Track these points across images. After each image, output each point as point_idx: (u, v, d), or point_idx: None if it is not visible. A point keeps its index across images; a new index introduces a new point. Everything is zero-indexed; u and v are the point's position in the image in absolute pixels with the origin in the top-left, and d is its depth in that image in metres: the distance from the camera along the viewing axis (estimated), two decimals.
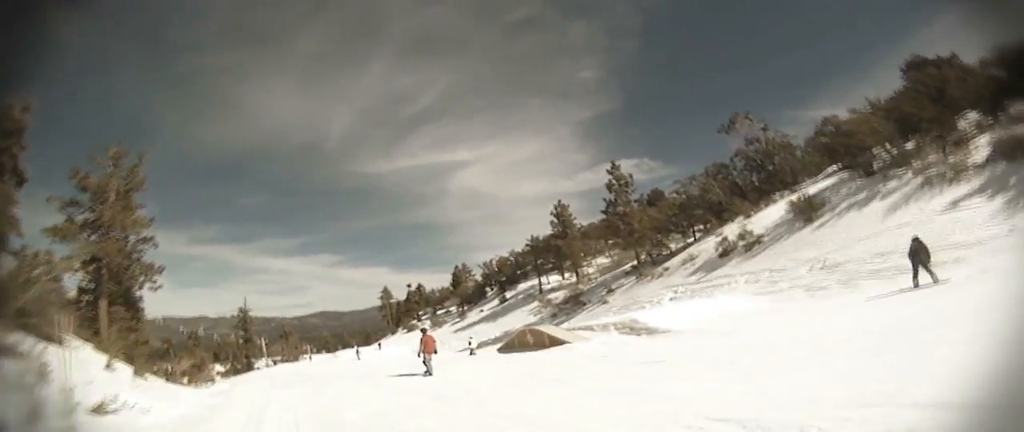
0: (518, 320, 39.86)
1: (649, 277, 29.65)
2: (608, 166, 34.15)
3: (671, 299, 23.37)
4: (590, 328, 18.47)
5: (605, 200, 35.19)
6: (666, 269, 28.79)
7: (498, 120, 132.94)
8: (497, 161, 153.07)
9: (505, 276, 55.08)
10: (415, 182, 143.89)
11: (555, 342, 16.90)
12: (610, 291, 32.89)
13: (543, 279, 48.99)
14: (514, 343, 20.46)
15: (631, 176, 34.34)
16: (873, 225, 18.51)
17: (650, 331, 15.15)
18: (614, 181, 34.25)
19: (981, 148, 19.00)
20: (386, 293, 62.54)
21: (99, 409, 8.02)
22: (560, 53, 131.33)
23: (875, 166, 22.89)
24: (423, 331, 18.25)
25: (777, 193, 29.29)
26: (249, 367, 31.86)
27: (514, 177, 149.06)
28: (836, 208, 21.40)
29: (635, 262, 36.90)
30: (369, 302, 62.54)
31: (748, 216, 27.99)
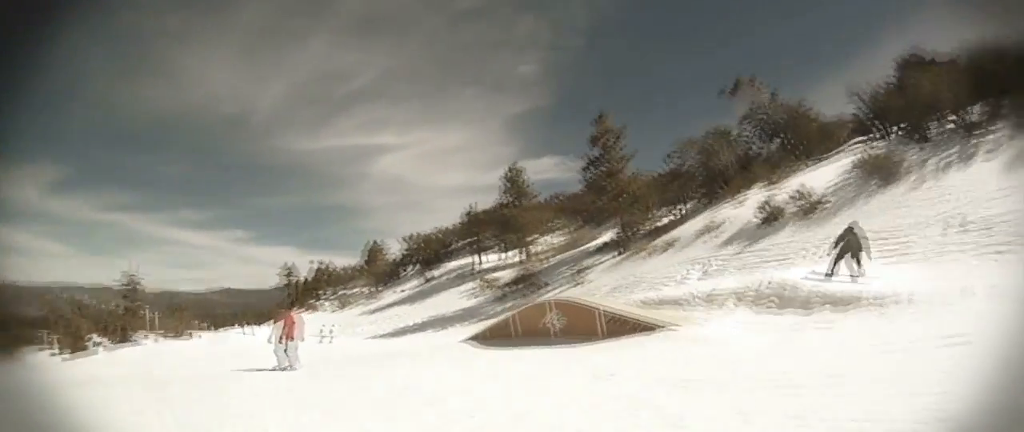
0: (447, 303, 33.57)
1: (646, 252, 24.67)
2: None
3: (700, 278, 18.62)
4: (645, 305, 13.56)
5: (586, 157, 29.71)
6: (671, 242, 23.92)
7: (430, 107, 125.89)
8: (423, 148, 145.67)
9: (430, 253, 48.52)
10: (338, 163, 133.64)
11: (622, 328, 11.34)
12: (581, 271, 27.51)
13: (479, 258, 43.11)
14: (511, 328, 14.90)
15: (625, 127, 29.02)
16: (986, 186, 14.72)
17: (835, 302, 9.87)
18: (604, 132, 28.80)
19: None
20: (290, 270, 54.11)
21: None
22: (503, 45, 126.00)
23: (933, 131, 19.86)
24: (287, 309, 13.75)
25: (801, 161, 25.65)
26: (124, 340, 25.06)
27: (437, 166, 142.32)
28: (925, 167, 17.57)
29: (609, 238, 32.10)
30: (273, 281, 55.50)
31: (772, 183, 23.98)
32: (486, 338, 15.53)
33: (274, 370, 12.13)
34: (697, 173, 29.70)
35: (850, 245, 12.50)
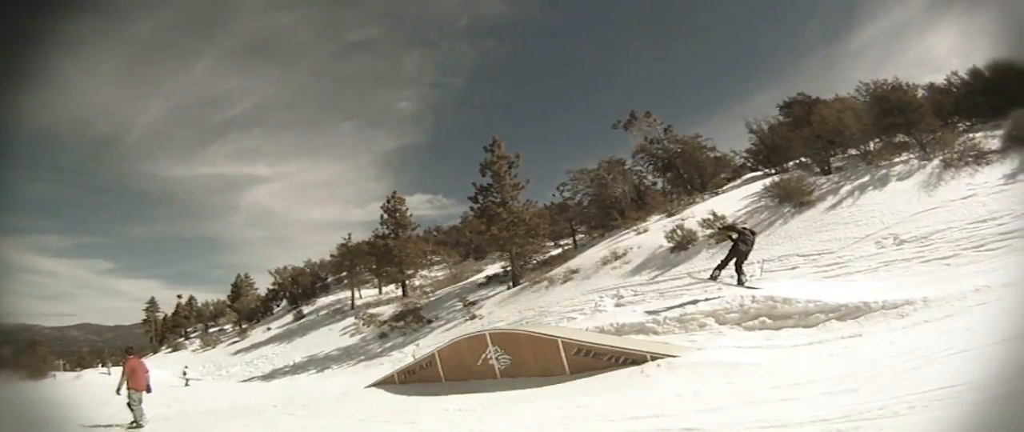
0: (324, 340, 29.69)
1: (544, 283, 22.53)
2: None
3: (617, 305, 16.83)
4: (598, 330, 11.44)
5: (475, 186, 27.25)
6: (573, 272, 21.95)
7: (305, 139, 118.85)
8: (294, 180, 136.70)
9: (303, 287, 43.63)
10: (208, 192, 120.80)
11: (594, 363, 8.99)
12: (471, 304, 24.87)
13: (356, 292, 39.09)
14: (436, 370, 12.22)
15: (518, 156, 26.96)
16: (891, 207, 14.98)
17: (842, 314, 8.27)
18: (497, 158, 26.55)
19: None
20: (152, 305, 49.27)
21: None
22: (386, 80, 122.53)
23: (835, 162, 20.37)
24: (127, 353, 11.61)
25: (697, 193, 25.08)
26: None
27: (307, 199, 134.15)
28: (838, 193, 17.12)
29: (495, 271, 29.77)
30: (136, 317, 51.77)
31: (671, 214, 23.00)
32: (403, 382, 13.04)
33: (131, 427, 10.38)
34: (591, 203, 28.34)
35: (743, 253, 12.45)
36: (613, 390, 7.43)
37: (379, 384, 13.52)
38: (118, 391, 10.43)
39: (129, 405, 10.39)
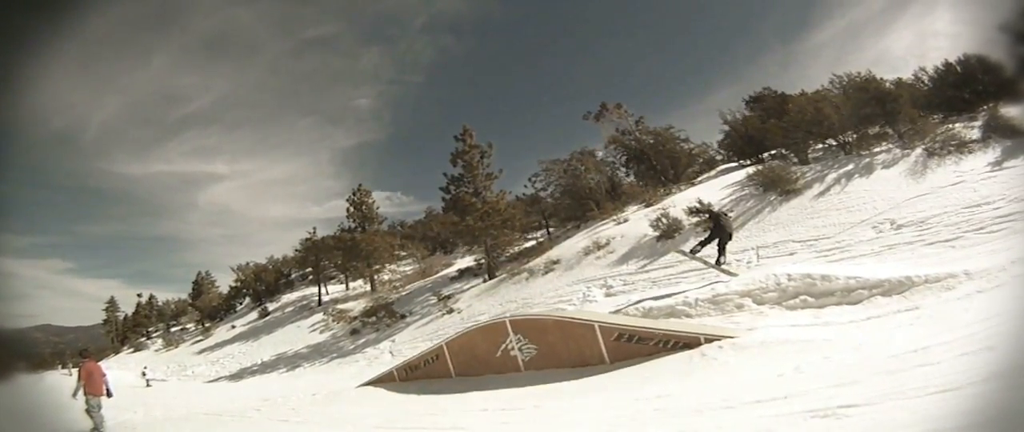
0: (292, 338, 28.66)
1: (524, 275, 21.99)
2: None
3: (607, 295, 16.47)
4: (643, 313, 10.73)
5: (446, 176, 26.45)
6: (554, 262, 21.48)
7: (264, 136, 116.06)
8: (253, 178, 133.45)
9: (266, 284, 42.01)
10: (165, 190, 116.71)
11: (639, 349, 8.10)
12: (446, 298, 24.13)
13: (323, 288, 37.85)
14: (445, 364, 11.23)
15: (491, 145, 26.27)
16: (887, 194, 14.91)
17: (887, 290, 7.89)
18: (468, 148, 25.80)
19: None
20: (112, 304, 47.96)
21: None
22: (344, 77, 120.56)
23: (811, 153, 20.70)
24: (83, 356, 11.81)
25: (672, 184, 25.00)
26: None
27: (266, 197, 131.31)
28: (824, 180, 17.14)
29: (467, 265, 29.09)
30: (97, 317, 49.98)
31: (649, 204, 22.82)
32: (404, 379, 11.96)
33: None
34: (564, 195, 27.96)
35: (724, 233, 12.26)
36: (680, 376, 6.69)
37: (375, 383, 12.50)
38: (74, 395, 9.82)
39: (88, 412, 9.71)
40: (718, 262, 12.23)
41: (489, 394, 8.58)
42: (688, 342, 7.82)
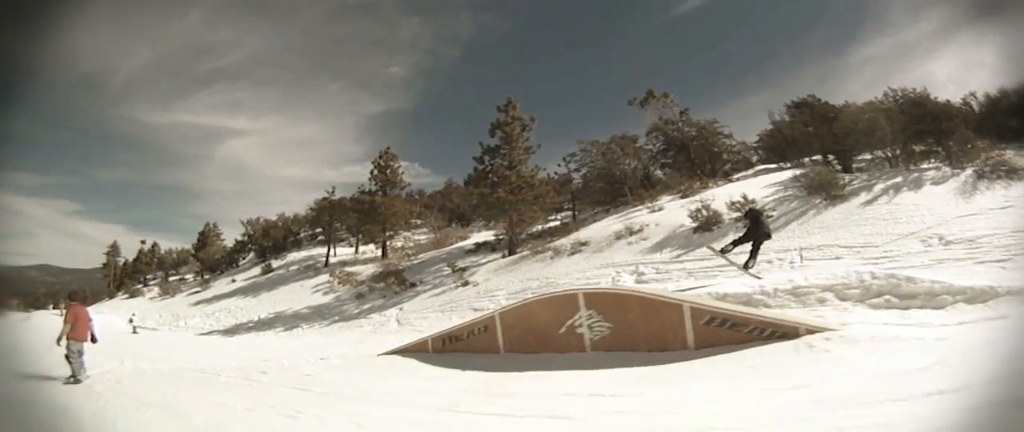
0: (294, 297, 28.53)
1: (549, 253, 21.96)
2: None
3: (637, 281, 16.40)
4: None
5: (482, 145, 26.27)
6: (582, 244, 21.43)
7: (291, 96, 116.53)
8: (273, 136, 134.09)
9: (272, 241, 42.05)
10: (185, 141, 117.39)
11: (731, 336, 7.37)
12: (462, 270, 24.00)
13: (332, 250, 37.81)
14: (495, 336, 10.14)
15: (532, 119, 26.12)
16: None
17: (971, 297, 7.53)
18: (511, 119, 25.63)
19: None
20: (114, 249, 47.90)
21: None
22: (379, 45, 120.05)
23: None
24: (71, 299, 10.47)
25: (708, 179, 24.92)
26: None
27: (283, 157, 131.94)
28: (872, 190, 17.07)
29: (486, 239, 29.10)
30: (97, 261, 49.35)
31: (685, 195, 22.76)
32: (439, 350, 10.82)
33: (68, 382, 9.16)
34: (597, 177, 27.85)
35: (761, 234, 11.70)
36: (799, 367, 6.05)
37: (403, 352, 11.30)
38: (58, 340, 9.48)
39: (67, 357, 9.37)
40: (746, 265, 11.73)
41: (562, 375, 7.69)
42: (786, 332, 7.24)
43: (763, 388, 5.33)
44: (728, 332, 7.57)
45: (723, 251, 12.18)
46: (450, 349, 10.71)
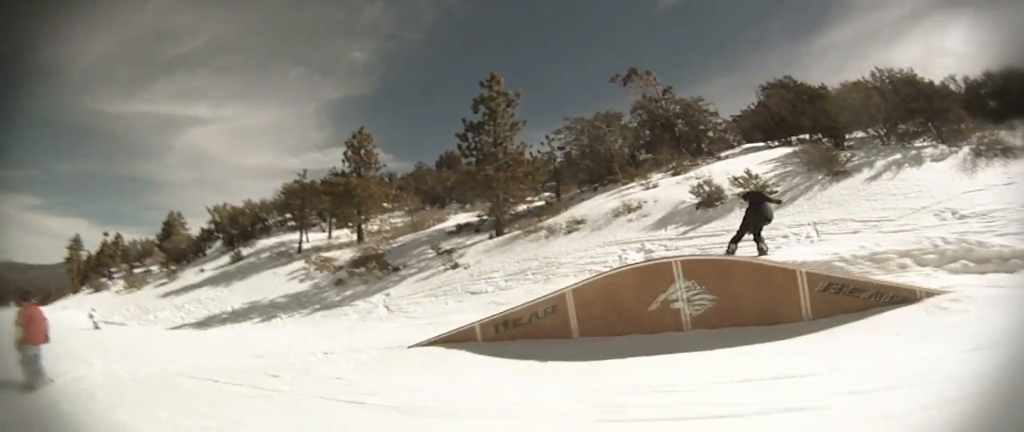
0: (268, 285, 26.92)
1: (542, 233, 21.54)
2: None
3: (647, 259, 16.21)
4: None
5: (465, 122, 25.50)
6: (577, 222, 21.10)
7: (251, 83, 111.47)
8: (234, 124, 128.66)
9: (240, 229, 40.25)
10: (145, 131, 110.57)
11: (847, 302, 6.96)
12: (449, 252, 23.33)
13: (304, 235, 36.37)
14: (567, 317, 8.78)
15: (518, 94, 25.46)
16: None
17: None
18: (495, 94, 24.93)
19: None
20: (76, 242, 45.44)
21: None
22: (341, 30, 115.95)
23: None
24: (25, 299, 9.34)
25: (696, 157, 24.93)
26: None
27: (245, 145, 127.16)
28: (874, 166, 17.29)
29: (467, 220, 28.49)
30: (60, 256, 47.96)
31: (677, 172, 22.66)
32: (490, 339, 9.19)
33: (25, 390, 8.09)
34: (583, 156, 27.51)
35: (759, 219, 10.97)
36: (950, 328, 5.64)
37: (444, 343, 9.48)
38: (17, 347, 8.40)
39: (21, 364, 8.34)
40: (760, 253, 10.84)
41: (659, 362, 6.63)
42: (905, 296, 6.85)
43: (954, 350, 4.94)
44: (847, 299, 7.07)
45: (729, 252, 11.46)
46: (506, 336, 9.15)
